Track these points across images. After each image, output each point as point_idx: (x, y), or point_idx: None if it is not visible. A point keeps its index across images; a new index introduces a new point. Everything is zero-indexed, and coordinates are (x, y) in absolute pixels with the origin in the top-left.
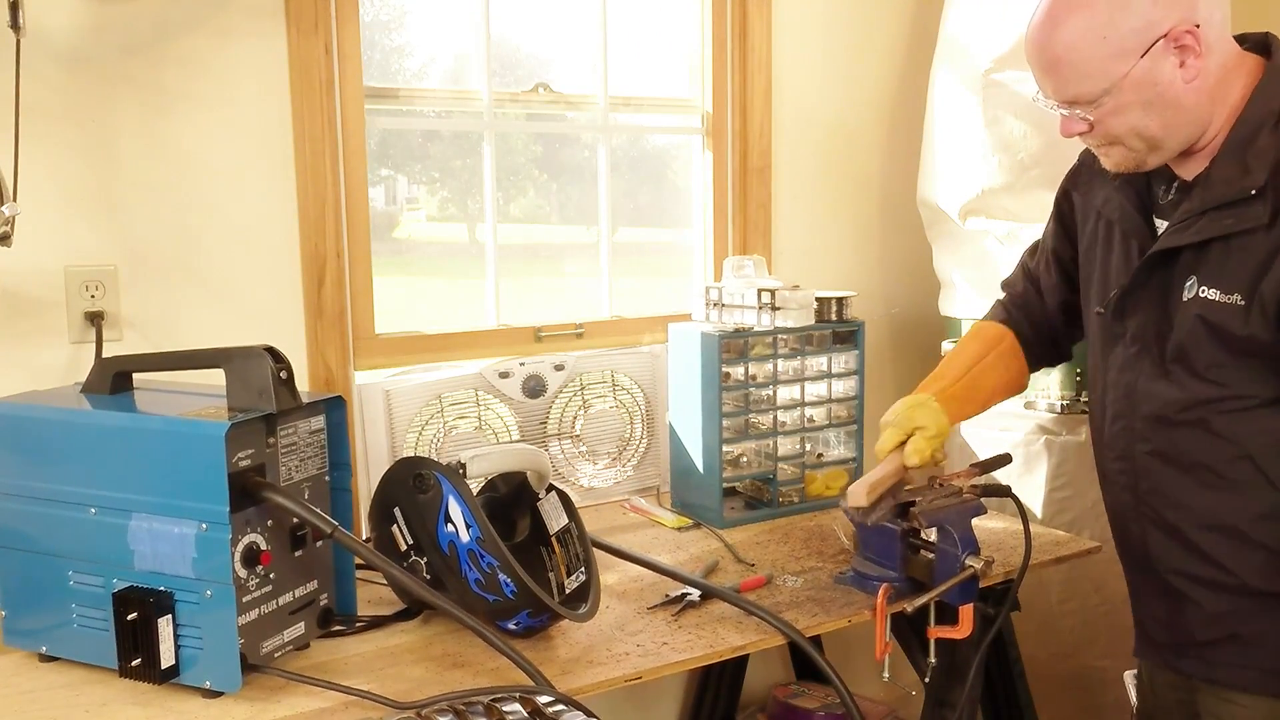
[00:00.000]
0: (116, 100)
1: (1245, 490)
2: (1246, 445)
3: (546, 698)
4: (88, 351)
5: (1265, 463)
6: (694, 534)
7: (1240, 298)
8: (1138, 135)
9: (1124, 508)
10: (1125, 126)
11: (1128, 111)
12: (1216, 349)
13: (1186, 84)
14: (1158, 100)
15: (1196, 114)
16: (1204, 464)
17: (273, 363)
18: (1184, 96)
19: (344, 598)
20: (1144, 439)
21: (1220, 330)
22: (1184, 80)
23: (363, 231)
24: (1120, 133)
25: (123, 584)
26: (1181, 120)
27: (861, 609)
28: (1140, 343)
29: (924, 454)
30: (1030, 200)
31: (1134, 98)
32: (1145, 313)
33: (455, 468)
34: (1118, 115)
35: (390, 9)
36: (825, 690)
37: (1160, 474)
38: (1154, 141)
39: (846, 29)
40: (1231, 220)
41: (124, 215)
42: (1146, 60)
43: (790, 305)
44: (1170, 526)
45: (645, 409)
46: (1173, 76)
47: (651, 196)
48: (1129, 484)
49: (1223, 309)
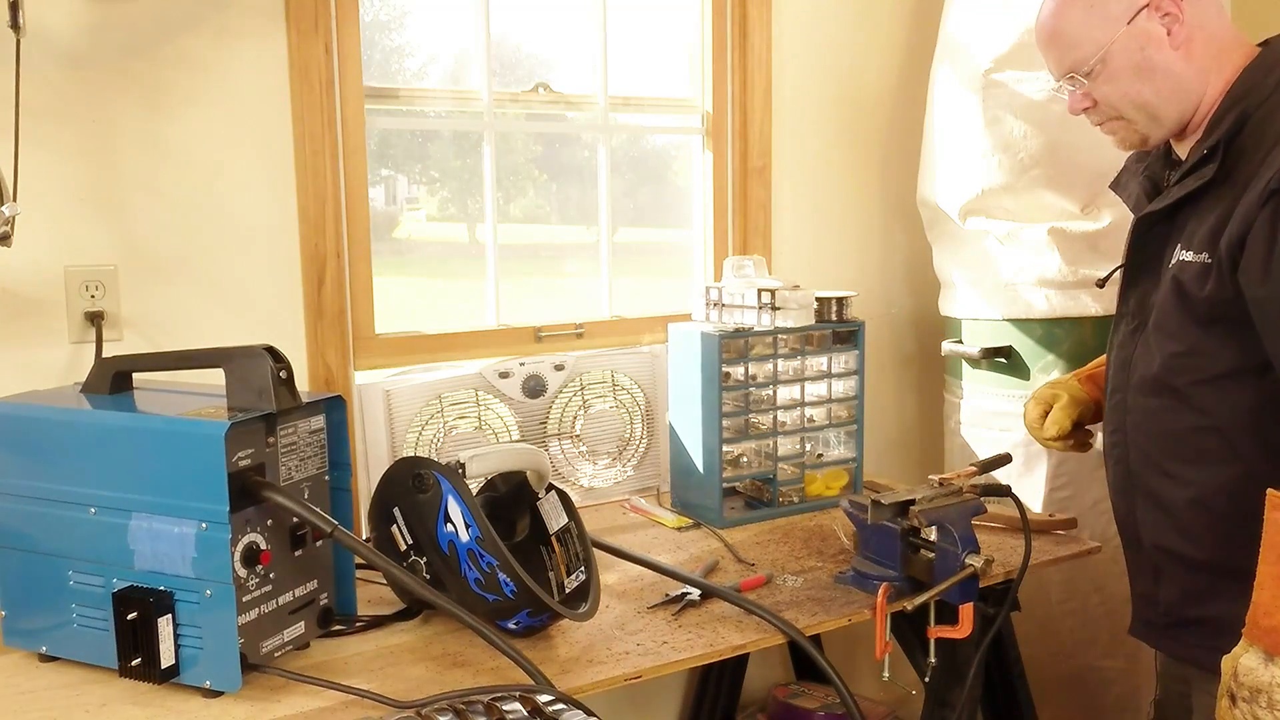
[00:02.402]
0: (116, 100)
1: (1214, 463)
2: (1214, 416)
3: (546, 697)
4: (88, 351)
5: (1232, 435)
6: (694, 534)
7: (1207, 256)
8: (1134, 104)
9: (1118, 480)
10: (1120, 94)
11: (1121, 78)
12: (1185, 314)
13: (1174, 50)
14: (1147, 65)
15: (1188, 82)
16: (1179, 434)
17: (272, 362)
18: (1173, 63)
19: (344, 597)
20: (1130, 410)
21: (1187, 292)
22: (1171, 46)
23: (363, 231)
24: (1117, 102)
25: (123, 584)
26: (1174, 88)
27: (861, 608)
28: (1138, 318)
29: (1062, 424)
30: (1030, 200)
31: (1125, 62)
32: (1142, 287)
33: (454, 467)
34: (1112, 83)
35: (390, 9)
36: (825, 690)
37: (1144, 445)
38: (1150, 110)
39: (846, 28)
40: (1193, 180)
41: (124, 215)
42: (1133, 26)
43: (790, 305)
44: (1154, 499)
45: (645, 409)
46: (1160, 40)
47: (651, 196)
48: (1122, 455)
49: (1192, 268)
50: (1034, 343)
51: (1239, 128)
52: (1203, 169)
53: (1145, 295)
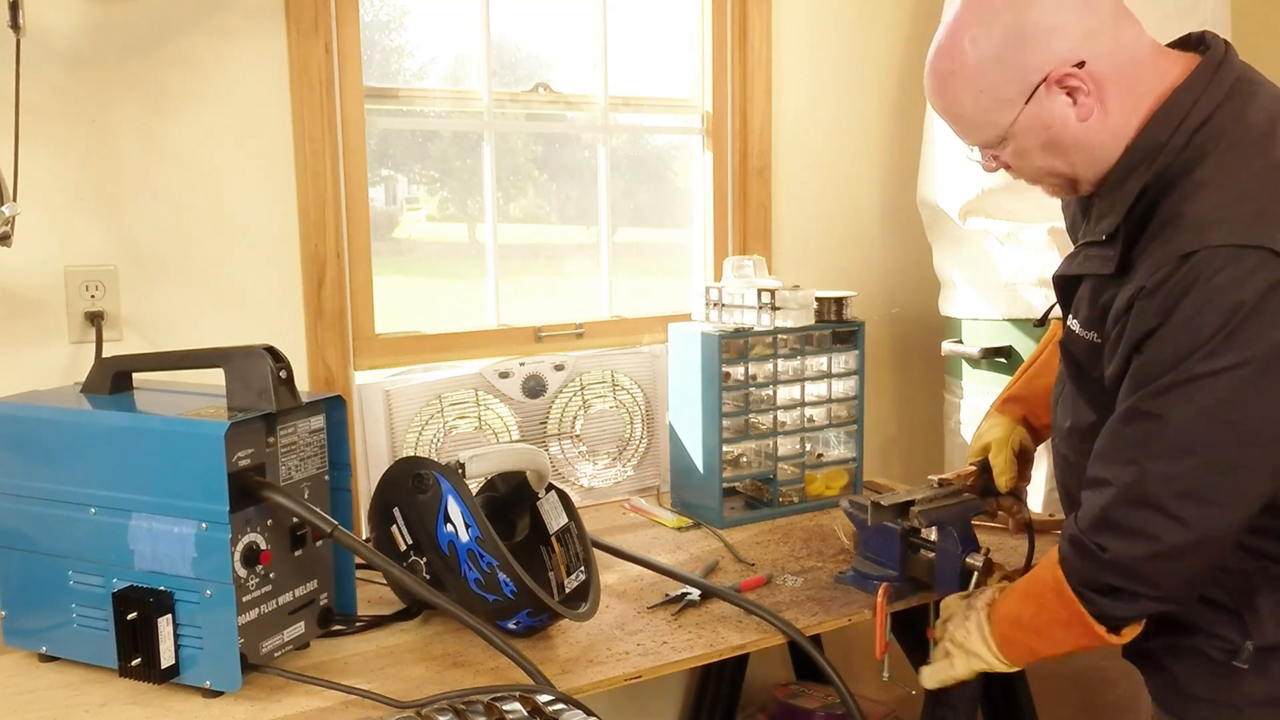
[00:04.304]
0: (116, 100)
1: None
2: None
3: (546, 697)
4: (88, 351)
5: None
6: (694, 534)
7: (1095, 335)
8: (1049, 173)
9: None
10: (1033, 168)
11: (1030, 155)
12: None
13: (1082, 122)
14: (1055, 141)
15: (1101, 149)
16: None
17: (272, 362)
18: (1083, 135)
19: (344, 597)
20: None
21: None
22: (1078, 119)
23: (363, 231)
24: (1031, 174)
25: (123, 584)
26: (1088, 157)
27: (861, 609)
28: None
29: (1005, 473)
30: (1030, 200)
31: (1031, 141)
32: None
33: (454, 468)
34: (1022, 158)
35: (390, 9)
36: (825, 690)
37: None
38: (1066, 175)
39: (847, 28)
40: (1095, 261)
41: (124, 215)
42: (1032, 106)
43: (790, 305)
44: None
45: (645, 409)
46: (1065, 116)
47: (651, 196)
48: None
49: (1082, 343)
50: (1034, 343)
51: (1137, 200)
52: (1102, 253)
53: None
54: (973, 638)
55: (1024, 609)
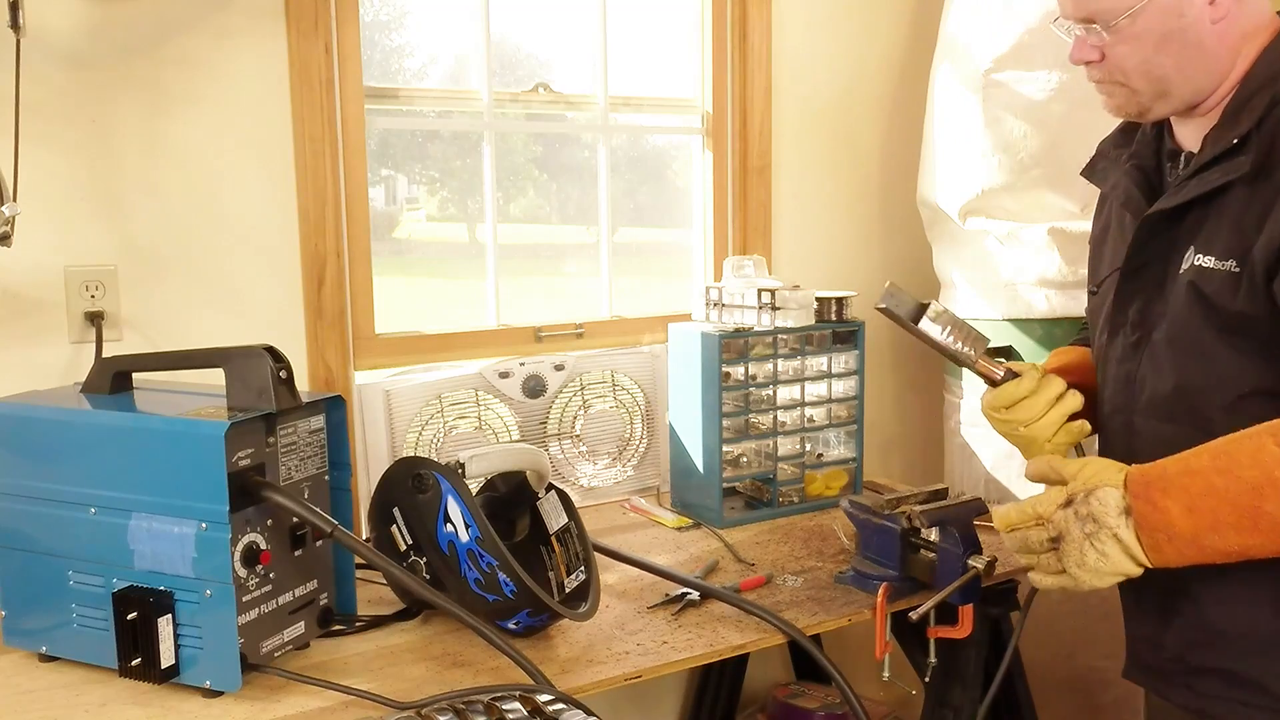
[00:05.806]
0: (116, 100)
1: None
2: None
3: (546, 696)
4: (88, 351)
5: None
6: (694, 534)
7: (1235, 264)
8: (1147, 74)
9: None
10: (1136, 60)
11: (1144, 40)
12: (1207, 329)
13: (1213, 23)
14: (1178, 34)
15: (1214, 62)
16: None
17: (272, 362)
18: (1206, 37)
19: (344, 597)
20: (1139, 433)
21: (1211, 303)
22: (1210, 19)
23: (363, 231)
24: (1129, 67)
25: (123, 584)
26: (1197, 65)
27: (861, 608)
28: (1140, 330)
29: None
30: (1030, 200)
31: (1155, 25)
32: (1144, 296)
33: (454, 468)
34: (1132, 44)
35: (390, 9)
36: (825, 690)
37: None
38: (1162, 84)
39: (846, 28)
40: (1217, 174)
41: (124, 215)
42: None
43: (790, 305)
44: None
45: (645, 409)
46: (1200, 12)
47: (651, 196)
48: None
49: (1215, 277)
50: (1034, 343)
51: (1268, 114)
52: (1231, 161)
53: (1148, 304)
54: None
55: (1202, 511)
